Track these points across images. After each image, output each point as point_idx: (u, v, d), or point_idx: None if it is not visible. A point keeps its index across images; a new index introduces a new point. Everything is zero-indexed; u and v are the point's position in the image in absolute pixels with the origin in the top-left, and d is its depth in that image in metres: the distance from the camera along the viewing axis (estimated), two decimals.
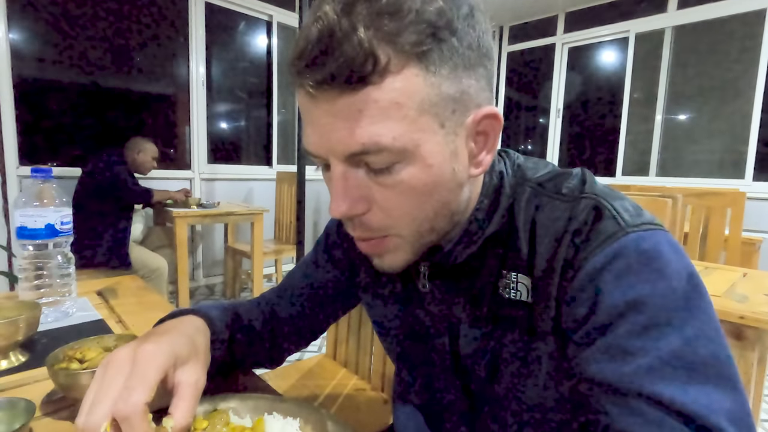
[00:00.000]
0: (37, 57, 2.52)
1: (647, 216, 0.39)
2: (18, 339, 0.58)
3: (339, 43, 0.32)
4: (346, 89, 0.33)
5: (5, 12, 2.31)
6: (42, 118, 2.55)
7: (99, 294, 0.89)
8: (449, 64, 0.34)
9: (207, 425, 0.40)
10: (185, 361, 0.40)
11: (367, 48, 0.32)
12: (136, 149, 2.37)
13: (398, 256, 0.42)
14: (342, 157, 0.36)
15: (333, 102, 0.34)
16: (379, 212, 0.39)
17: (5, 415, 0.43)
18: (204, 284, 3.29)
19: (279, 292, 0.64)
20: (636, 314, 0.34)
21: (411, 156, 0.36)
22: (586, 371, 0.36)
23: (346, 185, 0.37)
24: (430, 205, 0.39)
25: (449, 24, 0.34)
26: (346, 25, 0.32)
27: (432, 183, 0.37)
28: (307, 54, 0.33)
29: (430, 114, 0.35)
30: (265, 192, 3.44)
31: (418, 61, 0.33)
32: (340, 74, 0.32)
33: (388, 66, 0.33)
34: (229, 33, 3.32)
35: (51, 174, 0.75)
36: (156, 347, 0.38)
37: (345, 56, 0.32)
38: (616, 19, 3.64)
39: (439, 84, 0.34)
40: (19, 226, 0.72)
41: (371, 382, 1.08)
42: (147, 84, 3.01)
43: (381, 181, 0.37)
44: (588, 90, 3.99)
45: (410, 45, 0.33)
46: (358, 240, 0.42)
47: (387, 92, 0.33)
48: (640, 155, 3.62)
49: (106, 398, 0.34)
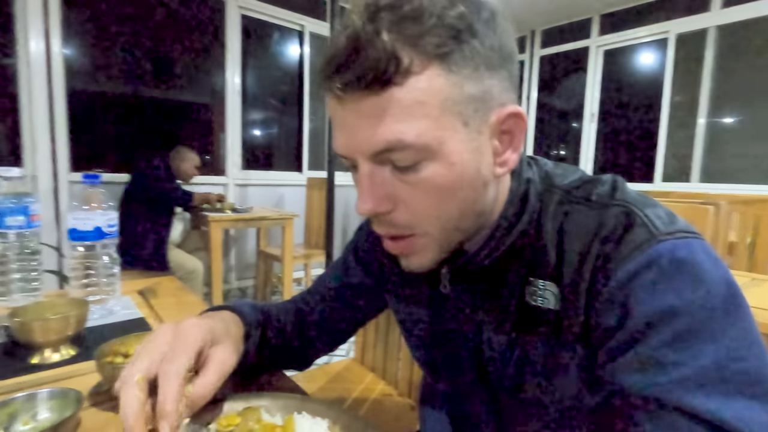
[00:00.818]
0: (86, 71, 2.70)
1: (681, 223, 0.38)
2: (68, 334, 0.62)
3: (364, 47, 0.34)
4: (371, 90, 0.35)
5: (60, 31, 2.48)
6: (90, 128, 2.71)
7: (140, 293, 0.94)
8: (471, 65, 0.35)
9: (240, 421, 0.41)
10: (219, 341, 0.44)
11: (390, 50, 0.33)
12: (180, 158, 2.52)
13: (425, 256, 0.43)
14: (368, 156, 0.38)
15: (359, 103, 0.36)
16: (405, 210, 0.39)
17: (57, 403, 0.47)
18: (236, 287, 3.38)
19: (309, 295, 0.65)
20: (670, 324, 0.33)
21: (434, 153, 0.36)
22: (617, 382, 0.35)
23: (372, 184, 0.38)
24: (455, 203, 0.39)
25: (470, 27, 0.35)
26: (370, 30, 0.33)
27: (456, 180, 0.38)
28: (335, 59, 0.35)
29: (453, 113, 0.36)
30: (295, 197, 3.51)
31: (440, 62, 0.34)
32: (365, 76, 0.34)
33: (410, 67, 0.34)
34: (264, 43, 3.44)
35: (100, 180, 0.80)
36: (196, 322, 0.42)
37: (369, 59, 0.33)
38: (655, 20, 3.51)
39: (461, 83, 0.35)
40: (70, 228, 0.77)
41: (398, 388, 1.08)
42: (186, 93, 3.16)
43: (406, 179, 0.38)
44: (624, 93, 3.86)
45: (432, 47, 0.34)
46: (385, 239, 0.43)
47: (410, 92, 0.34)
48: (680, 161, 3.46)
49: (147, 357, 0.38)
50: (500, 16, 0.38)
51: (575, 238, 0.40)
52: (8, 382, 0.54)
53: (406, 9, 0.34)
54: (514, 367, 0.45)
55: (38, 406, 0.46)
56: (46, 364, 0.59)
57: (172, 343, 0.40)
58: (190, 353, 0.39)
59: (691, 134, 3.37)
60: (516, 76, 0.40)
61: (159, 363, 0.38)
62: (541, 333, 0.42)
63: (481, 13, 0.36)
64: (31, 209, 0.80)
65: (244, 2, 3.19)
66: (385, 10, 0.34)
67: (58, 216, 2.51)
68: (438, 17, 0.34)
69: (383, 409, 1.01)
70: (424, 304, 0.54)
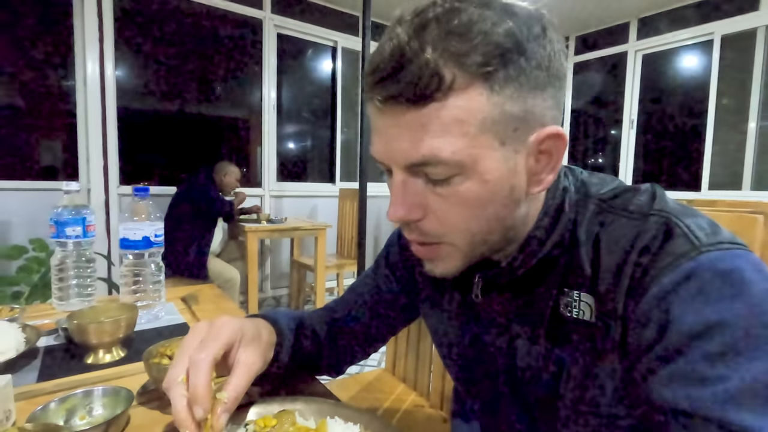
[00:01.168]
0: (135, 90, 2.89)
1: (725, 234, 0.37)
2: (119, 336, 0.66)
3: (408, 62, 0.34)
4: (412, 105, 0.35)
5: (113, 54, 2.68)
6: (138, 144, 2.89)
7: (183, 300, 0.99)
8: (514, 85, 0.35)
9: (276, 423, 0.43)
10: (248, 343, 0.46)
11: (433, 68, 0.34)
12: (223, 172, 2.66)
13: (449, 264, 0.44)
14: (403, 166, 0.38)
15: (399, 115, 0.36)
16: (435, 220, 0.40)
17: (109, 401, 0.50)
18: (271, 296, 3.47)
19: (342, 303, 0.67)
20: (714, 338, 0.32)
21: (468, 170, 0.37)
22: (656, 396, 0.34)
23: (404, 192, 0.39)
24: (484, 218, 0.40)
25: (518, 45, 0.35)
26: (415, 46, 0.34)
27: (487, 197, 0.38)
28: (379, 71, 0.36)
29: (491, 132, 0.36)
30: (328, 208, 3.58)
31: (483, 81, 0.34)
32: (407, 92, 0.35)
33: (452, 85, 0.34)
34: (298, 59, 3.56)
35: (149, 193, 0.86)
36: (228, 319, 0.45)
37: (412, 75, 0.34)
38: (697, 21, 3.36)
39: (502, 103, 0.35)
40: (121, 238, 0.83)
41: (430, 400, 1.07)
42: (226, 110, 3.31)
43: (438, 191, 0.39)
44: (665, 99, 3.71)
45: (476, 66, 0.34)
46: (413, 243, 0.44)
47: (450, 109, 0.35)
48: (730, 167, 3.27)
49: (185, 355, 0.41)
50: (551, 30, 0.37)
51: (612, 249, 0.39)
52: (67, 379, 0.58)
53: (453, 24, 0.34)
54: (548, 379, 0.45)
55: (93, 403, 0.50)
56: (99, 364, 0.64)
57: (205, 337, 0.43)
58: (220, 343, 0.42)
59: (741, 139, 3.18)
60: (563, 95, 0.40)
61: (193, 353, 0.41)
62: (577, 345, 0.42)
63: (532, 28, 0.35)
64: (87, 220, 0.86)
65: (280, 21, 3.32)
66: (433, 23, 0.34)
67: (108, 227, 2.68)
68: (485, 34, 0.34)
69: (414, 421, 1.01)
70: (456, 314, 0.54)
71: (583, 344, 0.41)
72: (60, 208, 0.84)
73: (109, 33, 2.65)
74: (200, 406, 0.38)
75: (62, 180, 2.57)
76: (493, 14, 0.35)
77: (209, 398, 0.39)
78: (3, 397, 0.45)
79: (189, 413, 0.38)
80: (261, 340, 0.49)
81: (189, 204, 2.47)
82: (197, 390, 0.38)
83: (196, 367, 0.40)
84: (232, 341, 0.44)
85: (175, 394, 0.39)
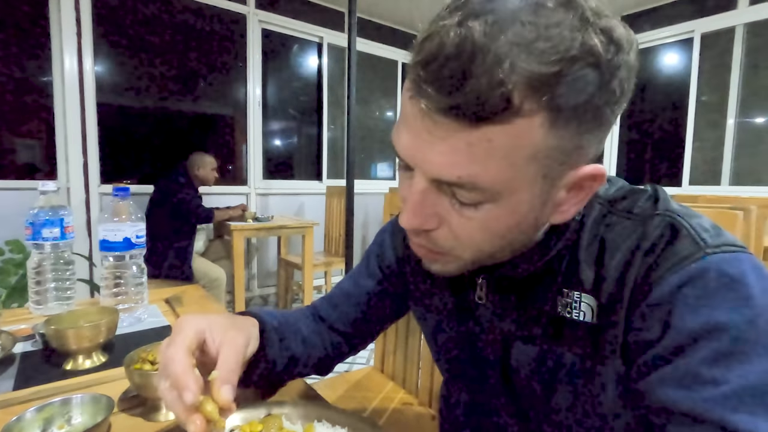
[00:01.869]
0: (115, 86, 2.81)
1: (728, 237, 0.37)
2: (99, 341, 0.64)
3: (479, 74, 0.28)
4: (465, 123, 0.30)
5: (92, 49, 2.60)
6: (118, 141, 2.82)
7: (167, 302, 0.97)
8: (578, 121, 0.31)
9: (261, 428, 0.42)
10: (223, 328, 0.42)
11: (506, 90, 0.28)
12: (196, 165, 2.56)
13: (449, 267, 0.42)
14: (430, 177, 0.35)
15: (443, 126, 0.31)
16: (448, 233, 0.38)
17: (90, 408, 0.49)
18: (258, 294, 3.43)
19: (328, 301, 0.66)
20: (715, 340, 0.32)
21: (501, 198, 0.34)
22: (654, 397, 0.35)
23: (423, 201, 0.36)
24: (501, 242, 0.39)
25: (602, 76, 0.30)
26: (492, 55, 0.28)
27: (511, 226, 0.37)
28: (436, 69, 0.30)
29: (539, 165, 0.33)
30: (315, 206, 3.56)
31: (549, 112, 0.30)
32: (466, 108, 0.29)
33: (518, 110, 0.29)
34: (283, 55, 3.52)
35: (129, 193, 0.84)
36: (190, 316, 0.42)
37: (479, 91, 0.29)
38: (678, 19, 3.43)
39: (560, 137, 0.32)
40: (101, 239, 0.80)
41: (418, 397, 1.08)
42: (209, 106, 3.25)
43: (460, 210, 0.36)
44: (647, 95, 3.77)
45: (549, 97, 0.29)
46: (414, 242, 0.42)
47: (505, 136, 0.30)
48: (709, 163, 3.35)
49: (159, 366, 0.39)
50: (634, 56, 0.33)
51: (616, 250, 0.39)
52: (44, 387, 0.56)
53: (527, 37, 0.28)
54: (544, 379, 0.44)
55: (72, 411, 0.48)
56: (78, 370, 0.62)
57: (170, 336, 0.40)
58: (186, 333, 0.39)
59: (720, 135, 3.26)
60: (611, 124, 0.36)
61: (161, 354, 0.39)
62: (576, 346, 0.42)
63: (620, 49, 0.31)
64: (65, 221, 0.83)
65: (264, 16, 3.27)
66: (517, 25, 0.28)
67: (89, 226, 2.62)
68: (570, 61, 0.29)
69: (403, 419, 1.01)
70: (450, 313, 0.53)
71: (583, 345, 0.41)
72: (36, 209, 0.82)
73: (87, 26, 2.57)
74: (186, 390, 0.35)
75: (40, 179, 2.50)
76: (575, 20, 0.29)
77: (191, 379, 0.36)
78: None
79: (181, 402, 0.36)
80: (238, 326, 0.45)
81: (167, 209, 2.38)
82: (176, 374, 0.36)
83: (168, 360, 0.37)
84: (200, 330, 0.40)
85: (163, 393, 0.37)
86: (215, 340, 0.41)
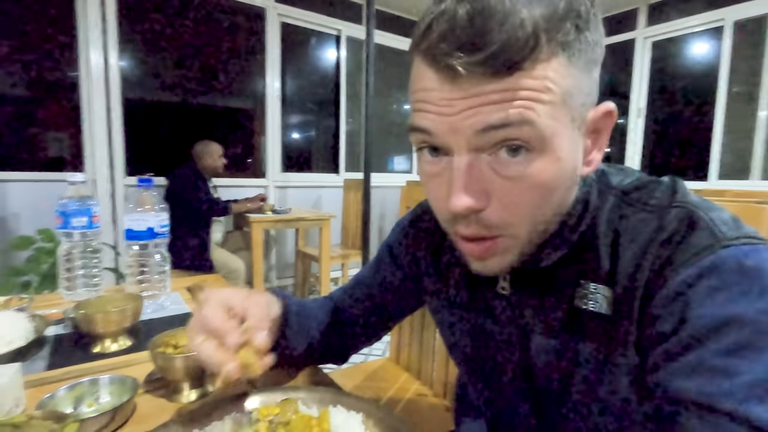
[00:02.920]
0: (139, 81, 2.88)
1: (748, 229, 0.36)
2: (125, 326, 0.67)
3: (500, 23, 0.30)
4: (499, 73, 0.31)
5: (117, 45, 2.67)
6: (141, 134, 2.89)
7: (188, 290, 0.99)
8: (584, 58, 0.35)
9: (278, 411, 0.44)
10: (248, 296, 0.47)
11: (530, 30, 0.31)
12: (201, 154, 2.60)
13: (505, 259, 0.40)
14: (470, 137, 0.34)
15: (479, 85, 0.32)
16: (500, 207, 0.36)
17: (116, 389, 0.51)
18: (276, 285, 3.49)
19: (346, 291, 0.67)
20: (731, 332, 0.32)
21: (545, 146, 0.34)
22: (669, 387, 0.34)
23: (470, 176, 0.35)
24: (551, 202, 0.37)
25: (588, 17, 0.34)
26: (507, 4, 0.31)
27: (558, 178, 0.36)
28: (457, 36, 0.31)
29: (568, 106, 0.35)
30: (332, 198, 3.58)
31: (563, 51, 0.33)
32: (496, 58, 0.31)
33: (542, 52, 0.32)
34: (302, 49, 3.53)
35: (153, 183, 0.86)
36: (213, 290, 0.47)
37: (506, 37, 0.30)
38: (708, 7, 3.30)
39: (578, 76, 0.35)
40: (127, 228, 0.83)
41: (433, 389, 1.08)
42: (229, 100, 3.30)
43: (507, 173, 0.35)
44: (674, 87, 3.65)
45: (561, 34, 0.32)
46: (464, 242, 0.40)
47: (538, 78, 0.32)
48: (739, 157, 3.23)
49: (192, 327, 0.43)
50: (598, 9, 0.36)
51: (632, 241, 0.39)
52: (74, 368, 0.59)
53: None
54: (562, 372, 0.44)
55: (100, 391, 0.51)
56: (106, 353, 0.65)
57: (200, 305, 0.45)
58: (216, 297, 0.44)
59: (751, 128, 3.13)
60: None
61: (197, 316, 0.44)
62: (592, 338, 0.41)
63: (593, 4, 0.35)
64: (93, 211, 0.87)
65: (283, 10, 3.29)
66: None
67: (114, 217, 2.70)
68: (568, 2, 0.33)
69: (417, 409, 1.02)
70: (466, 306, 0.53)
71: (599, 337, 0.41)
72: (65, 199, 0.85)
73: (112, 23, 2.63)
74: (228, 334, 0.39)
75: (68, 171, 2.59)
76: None
77: (231, 325, 0.41)
78: (13, 385, 0.46)
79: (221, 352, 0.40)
80: (256, 293, 0.51)
81: (180, 201, 2.43)
82: (216, 324, 0.40)
83: (206, 317, 0.42)
84: (226, 296, 0.46)
85: (203, 349, 0.41)
86: (240, 305, 0.46)
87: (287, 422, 0.43)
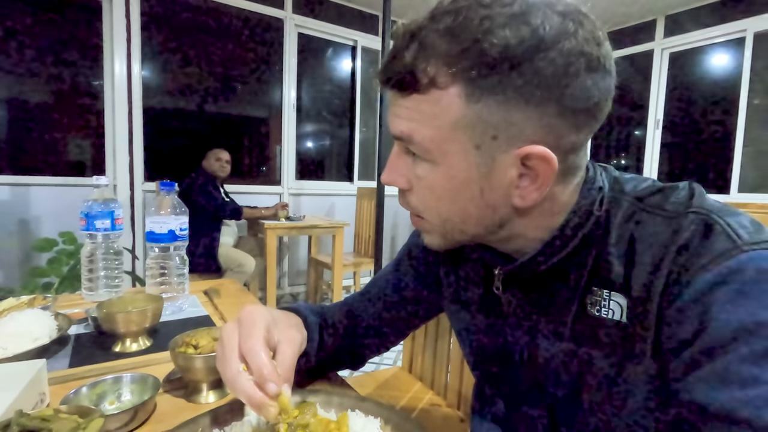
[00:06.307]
0: (159, 90, 2.95)
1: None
2: (146, 326, 0.68)
3: (397, 57, 0.38)
4: (398, 92, 0.39)
5: (140, 55, 2.75)
6: (161, 141, 2.96)
7: (205, 293, 1.01)
8: (498, 95, 0.35)
9: (298, 414, 0.44)
10: (283, 324, 0.48)
11: (409, 67, 0.37)
12: (208, 159, 2.70)
13: (432, 239, 0.47)
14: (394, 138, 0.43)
15: (395, 100, 0.41)
16: (414, 195, 0.44)
17: (138, 387, 0.52)
18: (288, 292, 3.50)
19: (362, 297, 0.67)
20: (754, 339, 0.31)
21: (435, 159, 0.39)
22: (689, 396, 0.34)
23: (396, 160, 0.43)
24: (453, 210, 0.42)
25: (513, 58, 0.34)
26: (404, 42, 0.38)
27: (453, 191, 0.40)
28: (385, 59, 0.40)
29: (465, 133, 0.37)
30: (346, 207, 3.60)
31: (464, 84, 0.36)
32: (392, 81, 0.39)
33: (434, 81, 0.36)
34: (318, 59, 3.59)
35: (174, 188, 0.88)
36: (254, 308, 0.45)
37: (397, 69, 0.38)
38: (728, 18, 3.25)
39: (480, 109, 0.36)
40: (148, 231, 0.85)
41: (447, 399, 1.07)
42: (246, 108, 3.36)
43: (417, 171, 0.42)
44: (693, 98, 3.59)
45: (461, 70, 0.35)
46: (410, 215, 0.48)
47: (427, 102, 0.37)
48: (762, 170, 3.15)
49: (232, 350, 0.41)
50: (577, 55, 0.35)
51: (647, 247, 0.38)
52: (96, 366, 0.60)
53: (446, 24, 0.35)
54: (572, 377, 0.44)
55: (122, 388, 0.51)
56: (126, 352, 0.66)
57: (240, 328, 0.43)
58: (260, 327, 0.42)
59: None
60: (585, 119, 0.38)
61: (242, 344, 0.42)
62: (605, 345, 0.41)
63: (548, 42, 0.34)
64: (115, 214, 0.89)
65: (301, 21, 3.35)
66: (429, 22, 0.37)
67: (133, 222, 2.75)
68: (475, 41, 0.34)
69: (431, 419, 1.00)
70: (478, 307, 0.54)
71: (612, 344, 0.40)
72: (90, 201, 0.87)
73: (136, 34, 2.72)
74: (272, 382, 0.39)
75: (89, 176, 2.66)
76: (504, 18, 0.34)
77: (275, 373, 0.40)
78: (38, 381, 0.47)
79: (263, 393, 0.39)
80: (293, 324, 0.51)
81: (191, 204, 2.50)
82: (265, 369, 0.39)
83: (252, 352, 0.40)
84: (267, 324, 0.44)
85: (242, 383, 0.39)
86: (276, 336, 0.45)
87: (306, 425, 0.42)
